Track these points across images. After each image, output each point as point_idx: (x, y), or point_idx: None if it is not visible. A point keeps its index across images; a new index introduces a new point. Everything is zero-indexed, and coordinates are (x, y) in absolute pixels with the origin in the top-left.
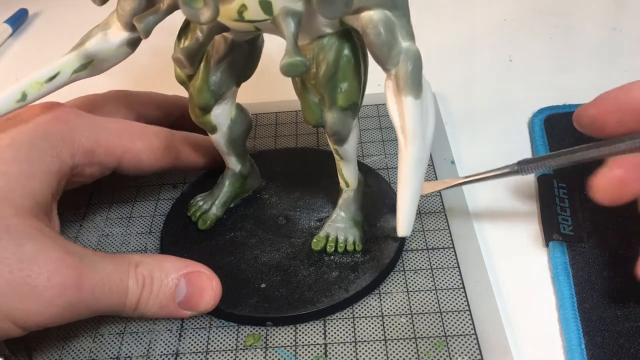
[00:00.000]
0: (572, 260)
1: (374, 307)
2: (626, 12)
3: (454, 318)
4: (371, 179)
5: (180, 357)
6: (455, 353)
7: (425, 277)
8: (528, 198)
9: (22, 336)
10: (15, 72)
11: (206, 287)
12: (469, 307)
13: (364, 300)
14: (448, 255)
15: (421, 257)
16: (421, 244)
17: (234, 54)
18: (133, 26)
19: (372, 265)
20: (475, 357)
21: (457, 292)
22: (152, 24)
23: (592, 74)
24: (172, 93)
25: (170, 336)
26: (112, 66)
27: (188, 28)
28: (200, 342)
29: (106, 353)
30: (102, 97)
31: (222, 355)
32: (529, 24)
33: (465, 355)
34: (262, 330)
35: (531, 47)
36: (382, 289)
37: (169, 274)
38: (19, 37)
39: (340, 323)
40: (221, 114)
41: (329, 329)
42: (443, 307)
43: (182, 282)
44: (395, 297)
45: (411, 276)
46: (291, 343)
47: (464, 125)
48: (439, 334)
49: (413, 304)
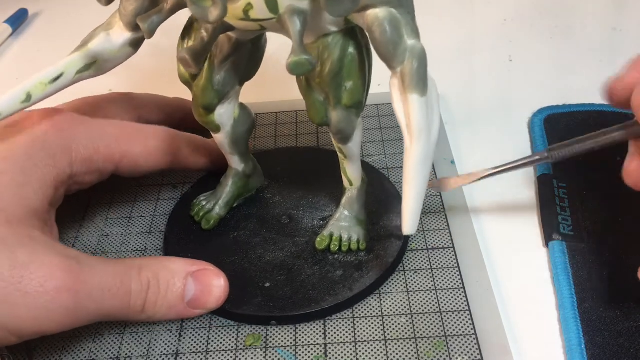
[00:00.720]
0: (572, 260)
1: (374, 307)
2: (626, 12)
3: (454, 318)
4: (374, 178)
5: (180, 357)
6: (455, 353)
7: (425, 277)
8: (528, 198)
9: None
10: (15, 72)
11: (214, 284)
12: (469, 307)
13: (364, 300)
14: (448, 255)
15: (421, 257)
16: (421, 244)
17: (237, 53)
18: (135, 26)
19: (376, 264)
20: (475, 357)
21: (457, 292)
22: (156, 24)
23: (592, 74)
24: (173, 93)
25: (170, 336)
26: (115, 67)
27: (192, 28)
28: (200, 342)
29: (106, 353)
30: (104, 99)
31: (222, 355)
32: (529, 24)
33: (465, 355)
34: (262, 330)
35: (531, 47)
36: (382, 289)
37: (175, 275)
38: (19, 37)
39: (340, 323)
40: (225, 114)
41: (329, 329)
42: (443, 307)
43: (190, 281)
44: (395, 297)
45: (411, 276)
46: (291, 343)
47: (464, 125)
48: (439, 334)
49: (413, 304)
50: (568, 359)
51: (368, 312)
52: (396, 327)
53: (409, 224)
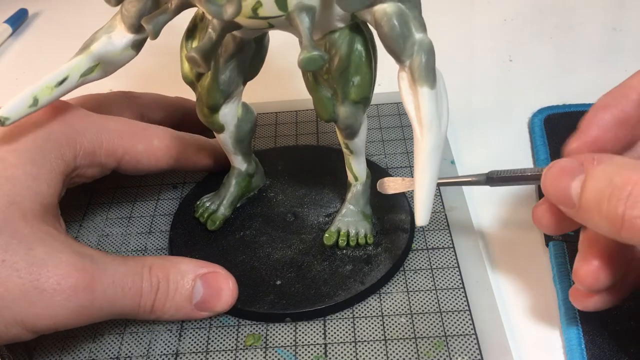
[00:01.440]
0: (572, 260)
1: (374, 307)
2: (626, 12)
3: (454, 318)
4: (376, 172)
5: (180, 357)
6: (455, 353)
7: (425, 277)
8: (528, 198)
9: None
10: (15, 72)
11: (223, 287)
12: (469, 307)
13: (364, 300)
14: (448, 255)
15: (421, 257)
16: (421, 244)
17: (242, 52)
18: (137, 28)
19: (385, 257)
20: (475, 357)
21: (457, 292)
22: (162, 25)
23: (592, 74)
24: (175, 93)
25: (170, 336)
26: (117, 69)
27: (196, 28)
28: (200, 342)
29: (106, 353)
30: (107, 97)
31: (222, 355)
32: (529, 24)
33: (465, 355)
34: (262, 330)
35: (531, 47)
36: (382, 289)
37: (185, 276)
38: (19, 37)
39: (340, 323)
40: (229, 113)
41: (328, 328)
42: (443, 307)
43: (199, 283)
44: (395, 297)
45: (411, 276)
46: (291, 343)
47: (464, 125)
48: (439, 334)
49: (413, 304)
50: (568, 359)
51: (368, 312)
52: (396, 327)
53: (422, 214)
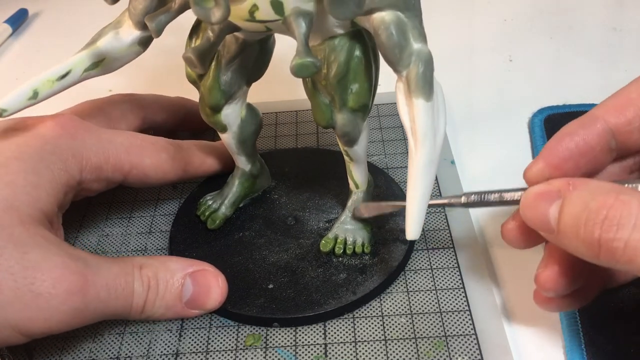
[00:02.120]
0: None
1: (374, 307)
2: (626, 12)
3: (454, 318)
4: (380, 180)
5: (180, 357)
6: (455, 353)
7: (425, 277)
8: None
9: None
10: (15, 72)
11: (212, 285)
12: (469, 307)
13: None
14: (448, 255)
15: (421, 257)
16: (421, 244)
17: (245, 53)
18: (144, 25)
19: (380, 267)
20: (475, 357)
21: (457, 292)
22: (164, 23)
23: (592, 74)
24: (178, 92)
25: (170, 336)
26: (123, 65)
27: (199, 27)
28: (200, 342)
29: (106, 353)
30: (108, 101)
31: (222, 355)
32: (529, 24)
33: (465, 355)
34: (262, 330)
35: (531, 47)
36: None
37: (174, 274)
38: (19, 37)
39: (340, 323)
40: (232, 114)
41: (329, 329)
42: (443, 307)
43: (188, 281)
44: (395, 297)
45: (411, 276)
46: (291, 343)
47: (464, 126)
48: (439, 334)
49: (413, 304)
50: (568, 359)
51: (368, 312)
52: (396, 327)
53: (413, 229)
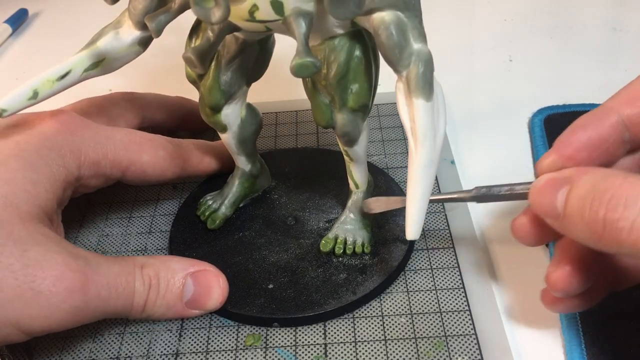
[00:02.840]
0: None
1: (374, 307)
2: (626, 12)
3: (454, 318)
4: (381, 180)
5: (180, 357)
6: (455, 353)
7: (425, 277)
8: None
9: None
10: (15, 72)
11: (213, 285)
12: (469, 307)
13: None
14: (448, 255)
15: (421, 257)
16: (421, 244)
17: (245, 54)
18: (145, 25)
19: (380, 267)
20: (475, 357)
21: (457, 292)
22: (164, 23)
23: (592, 74)
24: (178, 92)
25: (170, 336)
26: (123, 65)
27: (199, 27)
28: (200, 342)
29: (106, 353)
30: (108, 99)
31: (222, 355)
32: (529, 24)
33: (465, 355)
34: (262, 330)
35: (531, 47)
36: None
37: (175, 274)
38: (19, 37)
39: (340, 323)
40: (231, 114)
41: (329, 329)
42: (443, 307)
43: (189, 281)
44: (395, 297)
45: (411, 276)
46: (291, 343)
47: (464, 125)
48: (439, 334)
49: (413, 304)
50: (568, 359)
51: (368, 312)
52: (396, 327)
53: (412, 229)
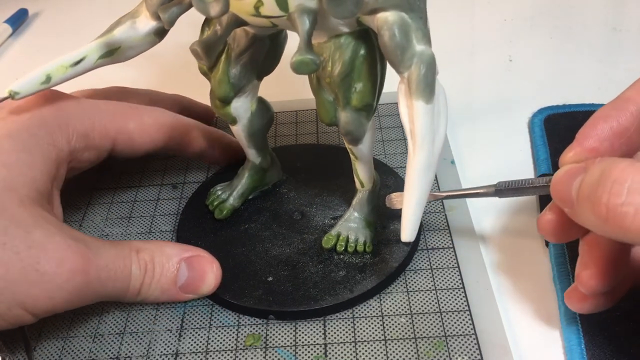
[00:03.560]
0: (572, 261)
1: (374, 307)
2: (626, 12)
3: (454, 318)
4: (390, 180)
5: (180, 357)
6: (455, 353)
7: (425, 277)
8: (529, 198)
9: (22, 335)
10: (15, 72)
11: (207, 270)
12: (469, 307)
13: (364, 300)
14: (448, 255)
15: (421, 257)
16: (421, 244)
17: (255, 48)
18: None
19: (380, 267)
20: (475, 357)
21: (457, 292)
22: (176, 15)
23: (592, 74)
24: (188, 88)
25: (170, 336)
26: (137, 54)
27: (210, 20)
28: (200, 342)
29: (106, 353)
30: (103, 92)
31: (222, 355)
32: (529, 24)
33: (465, 355)
34: (262, 330)
35: (531, 47)
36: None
37: (170, 259)
38: (19, 37)
39: (340, 323)
40: (241, 107)
41: (329, 329)
42: (443, 307)
43: (183, 266)
44: (395, 297)
45: (411, 276)
46: (291, 343)
47: (464, 126)
48: (439, 334)
49: (413, 304)
50: (568, 359)
51: (368, 312)
52: (396, 327)
53: (408, 231)
